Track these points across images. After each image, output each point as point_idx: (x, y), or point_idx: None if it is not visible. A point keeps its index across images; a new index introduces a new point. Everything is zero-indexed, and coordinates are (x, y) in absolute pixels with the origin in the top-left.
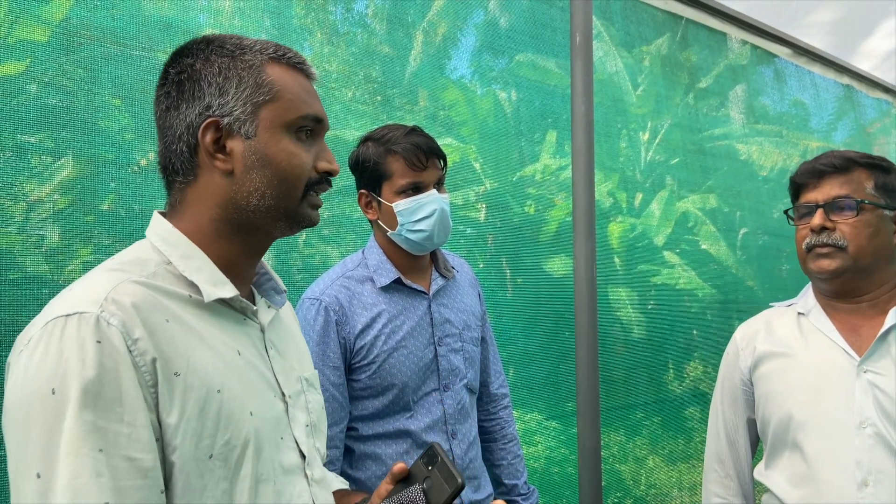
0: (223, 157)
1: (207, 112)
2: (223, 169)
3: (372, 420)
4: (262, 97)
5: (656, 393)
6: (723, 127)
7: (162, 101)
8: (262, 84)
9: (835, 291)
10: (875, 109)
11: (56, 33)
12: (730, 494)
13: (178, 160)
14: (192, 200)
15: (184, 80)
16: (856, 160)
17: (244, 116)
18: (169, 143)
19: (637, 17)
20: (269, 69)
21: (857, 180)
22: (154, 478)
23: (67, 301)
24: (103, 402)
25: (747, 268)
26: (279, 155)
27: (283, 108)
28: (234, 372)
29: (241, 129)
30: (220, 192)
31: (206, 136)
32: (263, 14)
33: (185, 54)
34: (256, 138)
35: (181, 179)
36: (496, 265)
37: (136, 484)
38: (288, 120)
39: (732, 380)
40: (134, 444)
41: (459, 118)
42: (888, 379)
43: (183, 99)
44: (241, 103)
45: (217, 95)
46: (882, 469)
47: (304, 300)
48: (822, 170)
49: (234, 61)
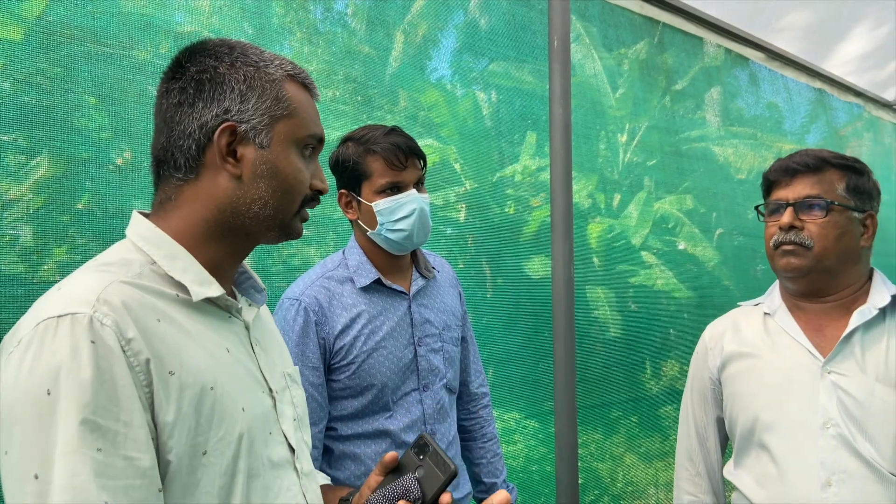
0: (234, 161)
1: (226, 116)
2: (232, 173)
3: (351, 420)
4: (280, 111)
5: (633, 392)
6: (699, 129)
7: (174, 96)
8: (282, 99)
9: (801, 291)
10: (847, 113)
11: (33, 31)
12: (700, 492)
13: (183, 156)
14: (188, 199)
15: (205, 80)
16: (829, 160)
17: (261, 127)
18: (175, 138)
19: (615, 21)
20: (287, 85)
21: (829, 181)
22: (151, 477)
23: (58, 302)
24: (99, 403)
25: (723, 268)
26: (287, 168)
27: (296, 125)
28: (225, 369)
29: (256, 138)
30: (222, 194)
31: (221, 138)
32: (243, 13)
33: (207, 55)
34: (269, 150)
35: (180, 176)
36: (476, 265)
37: (135, 483)
38: (299, 137)
39: (702, 379)
40: (131, 444)
41: (439, 119)
42: (852, 380)
43: (201, 98)
44: (260, 114)
45: (238, 102)
46: (845, 469)
47: (284, 300)
48: (795, 168)
49: (258, 72)
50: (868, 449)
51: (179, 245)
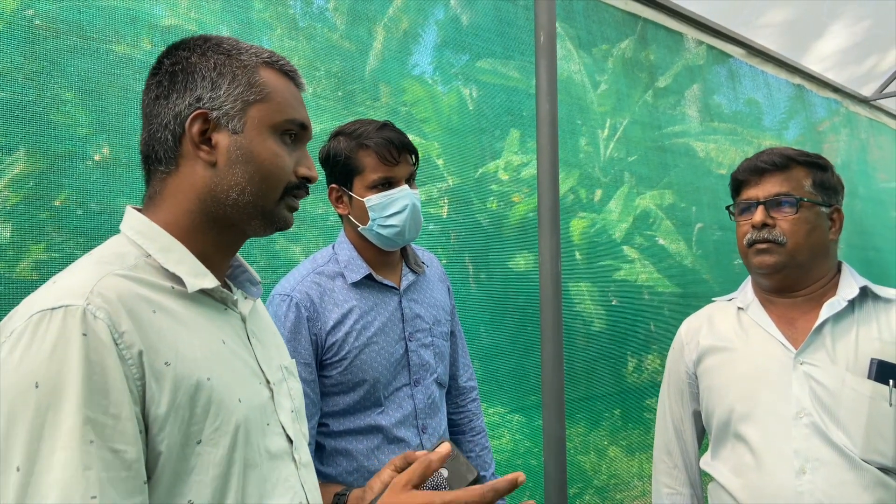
0: (208, 148)
1: (198, 104)
2: (207, 160)
3: (343, 416)
4: (252, 96)
5: (616, 385)
6: (680, 125)
7: (152, 90)
8: (255, 84)
9: (774, 286)
10: (825, 108)
11: (10, 25)
12: (678, 484)
13: (162, 148)
14: (172, 191)
15: (177, 70)
16: (795, 158)
17: (234, 112)
18: (154, 132)
19: (599, 17)
20: (263, 71)
21: (797, 178)
22: (137, 469)
23: (51, 294)
24: (89, 395)
25: (703, 262)
26: (263, 153)
27: (271, 110)
28: (221, 360)
29: (228, 123)
30: (200, 183)
31: (193, 126)
32: (222, 8)
33: (182, 48)
34: (243, 134)
35: (162, 169)
36: (459, 261)
37: (121, 475)
38: (275, 121)
39: (678, 373)
40: (119, 436)
41: (422, 115)
42: (823, 371)
43: (174, 89)
44: (232, 99)
45: (209, 89)
46: (818, 457)
47: (275, 296)
48: (763, 167)
49: (229, 59)
50: (840, 437)
51: (173, 238)
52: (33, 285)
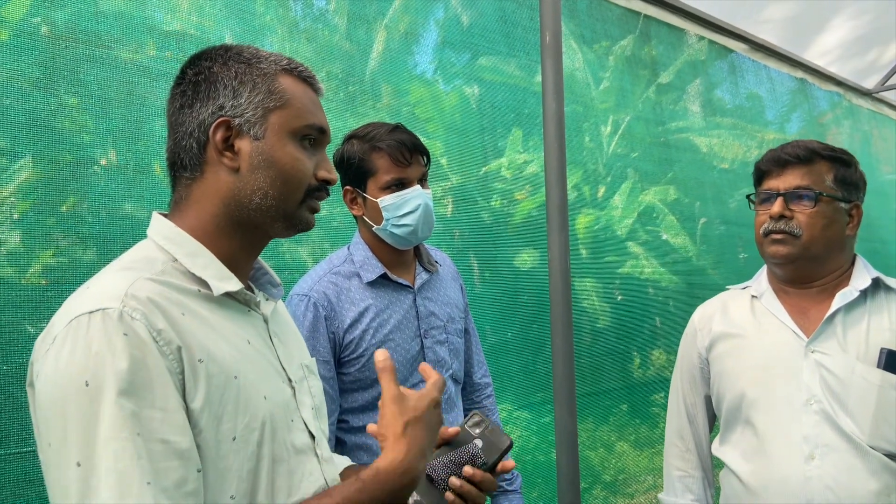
0: (231, 155)
1: (220, 112)
2: (230, 166)
3: (362, 412)
4: (272, 103)
5: (623, 380)
6: (683, 120)
7: (176, 100)
8: (274, 91)
9: (788, 277)
10: (827, 101)
11: (17, 33)
12: (690, 467)
13: (187, 156)
14: (198, 196)
15: (200, 80)
16: (819, 152)
17: (255, 119)
18: (179, 140)
19: (601, 15)
20: (282, 79)
21: (819, 172)
22: (191, 458)
23: (88, 299)
24: (136, 390)
25: (707, 256)
26: (284, 158)
27: (290, 116)
28: (247, 359)
29: (250, 130)
30: (224, 188)
31: (217, 133)
32: (224, 11)
33: (204, 58)
34: (264, 140)
35: (188, 175)
36: (464, 259)
37: (173, 465)
38: (295, 127)
39: (691, 358)
40: (168, 428)
41: (424, 114)
42: (834, 359)
43: (198, 98)
44: (253, 107)
45: (231, 97)
46: (827, 443)
47: (293, 296)
48: (786, 159)
49: (249, 67)
50: (849, 424)
51: (199, 243)
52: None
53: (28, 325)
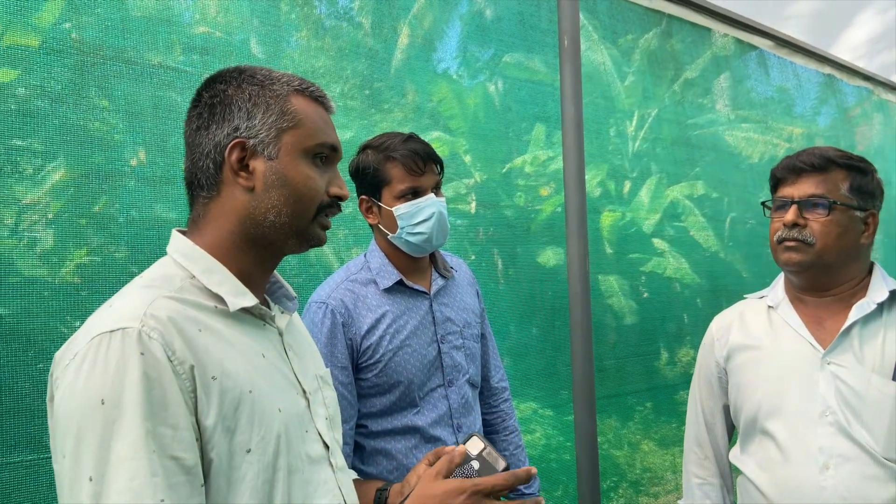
0: (246, 174)
1: (235, 133)
2: (245, 186)
3: (380, 417)
4: (285, 123)
5: (648, 379)
6: (708, 116)
7: (193, 122)
8: (287, 112)
9: (802, 285)
10: (855, 96)
11: (48, 39)
12: (708, 475)
13: (204, 176)
14: (215, 215)
15: (216, 103)
16: (835, 160)
17: (269, 139)
18: (196, 160)
19: (623, 16)
20: (294, 99)
21: (834, 180)
22: (195, 474)
23: (109, 318)
24: (151, 408)
25: (735, 253)
26: (297, 177)
27: (303, 135)
28: (261, 373)
29: (264, 150)
30: (240, 207)
31: (232, 154)
32: (249, 12)
33: (219, 81)
34: (278, 160)
35: (205, 194)
36: (487, 257)
37: (181, 480)
38: (307, 146)
39: (709, 368)
40: (178, 445)
41: (448, 112)
42: (850, 371)
43: (213, 120)
44: (267, 128)
45: (245, 119)
46: (842, 454)
47: (311, 304)
48: (801, 167)
49: (263, 90)
50: (863, 435)
51: (215, 260)
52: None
53: (60, 325)
